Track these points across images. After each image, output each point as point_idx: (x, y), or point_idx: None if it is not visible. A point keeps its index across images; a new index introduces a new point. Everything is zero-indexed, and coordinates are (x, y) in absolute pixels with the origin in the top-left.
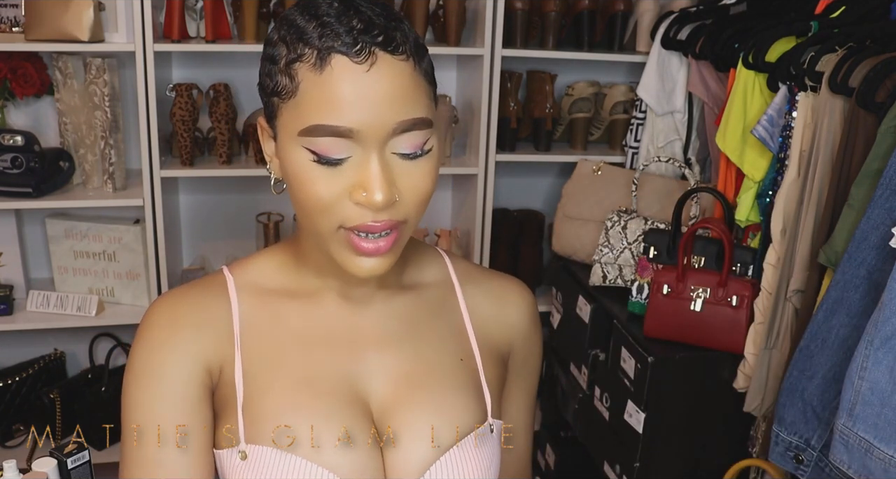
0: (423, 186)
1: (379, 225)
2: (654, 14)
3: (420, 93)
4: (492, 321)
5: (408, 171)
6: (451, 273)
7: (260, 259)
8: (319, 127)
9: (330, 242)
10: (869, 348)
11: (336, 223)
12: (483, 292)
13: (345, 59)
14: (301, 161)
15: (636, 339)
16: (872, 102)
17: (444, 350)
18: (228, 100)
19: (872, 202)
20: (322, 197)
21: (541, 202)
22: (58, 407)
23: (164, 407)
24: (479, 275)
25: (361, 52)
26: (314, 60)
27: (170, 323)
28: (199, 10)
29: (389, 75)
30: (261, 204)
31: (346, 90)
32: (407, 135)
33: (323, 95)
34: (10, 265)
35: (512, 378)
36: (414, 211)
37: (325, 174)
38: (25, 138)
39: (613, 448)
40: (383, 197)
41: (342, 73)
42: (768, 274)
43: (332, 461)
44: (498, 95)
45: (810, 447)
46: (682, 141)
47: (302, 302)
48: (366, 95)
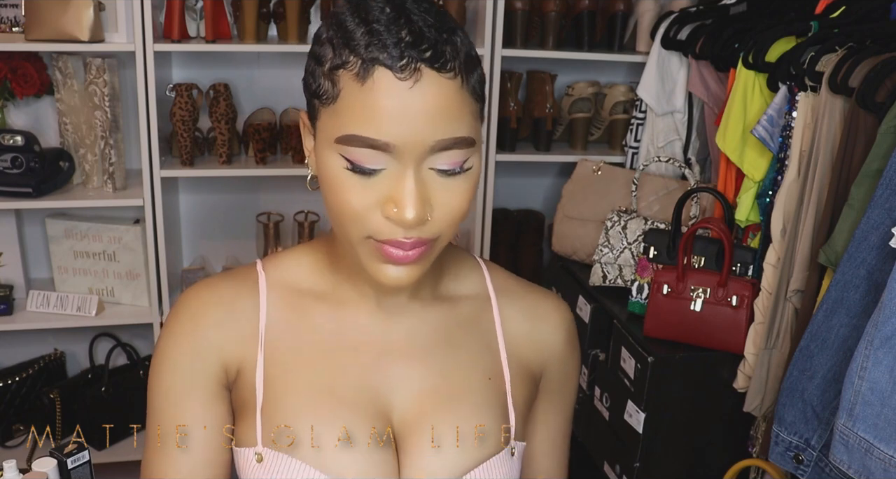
0: (457, 205)
1: (409, 242)
2: (654, 14)
3: (464, 111)
4: (524, 339)
5: (444, 188)
6: (489, 285)
7: (294, 256)
8: (356, 138)
9: (359, 249)
10: (869, 348)
11: (365, 233)
12: (518, 307)
13: (388, 72)
14: (335, 167)
15: (636, 339)
16: (872, 102)
17: (474, 368)
18: (228, 100)
19: (872, 202)
20: (354, 206)
21: (541, 202)
22: (58, 407)
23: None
24: (516, 288)
25: (406, 67)
26: (358, 70)
27: (194, 317)
28: (199, 10)
29: (433, 93)
30: (261, 204)
31: (386, 104)
32: (446, 153)
33: (363, 106)
34: (10, 265)
35: (546, 400)
36: (447, 229)
37: (358, 183)
38: (25, 138)
39: (613, 448)
40: (415, 215)
41: (384, 87)
42: (768, 274)
43: (347, 472)
44: (498, 95)
45: (810, 447)
46: (682, 141)
47: (332, 306)
48: (406, 111)
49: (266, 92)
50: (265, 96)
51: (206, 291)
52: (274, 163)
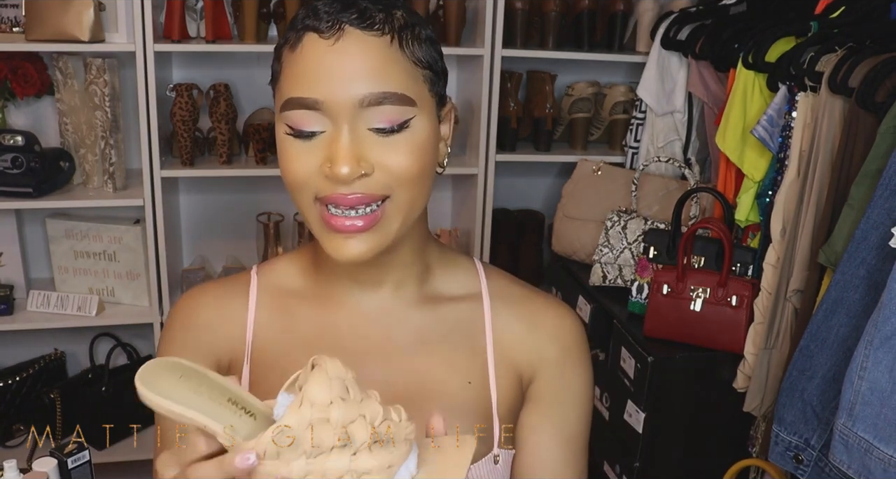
0: (400, 162)
1: (350, 198)
2: (654, 14)
3: (395, 69)
4: (518, 343)
5: (383, 145)
6: (483, 288)
7: (286, 259)
8: (290, 100)
9: (310, 220)
10: (868, 347)
11: (311, 195)
12: (514, 311)
13: (314, 36)
14: (281, 137)
15: (636, 339)
16: (872, 102)
17: (452, 371)
18: (228, 100)
19: (872, 202)
20: (297, 171)
21: (541, 202)
22: (58, 407)
23: None
24: (515, 292)
25: (331, 28)
26: (293, 42)
27: (188, 318)
28: (199, 10)
29: (357, 49)
30: (261, 204)
31: (312, 64)
32: (379, 109)
33: (294, 71)
34: (10, 265)
35: (537, 409)
36: (396, 186)
37: (300, 149)
38: (26, 138)
39: (613, 448)
40: (348, 170)
41: (310, 49)
42: (768, 274)
43: None
44: (498, 94)
45: (810, 446)
46: (681, 141)
47: (315, 306)
48: (331, 68)
49: (266, 92)
50: (265, 96)
51: (199, 294)
52: (274, 163)
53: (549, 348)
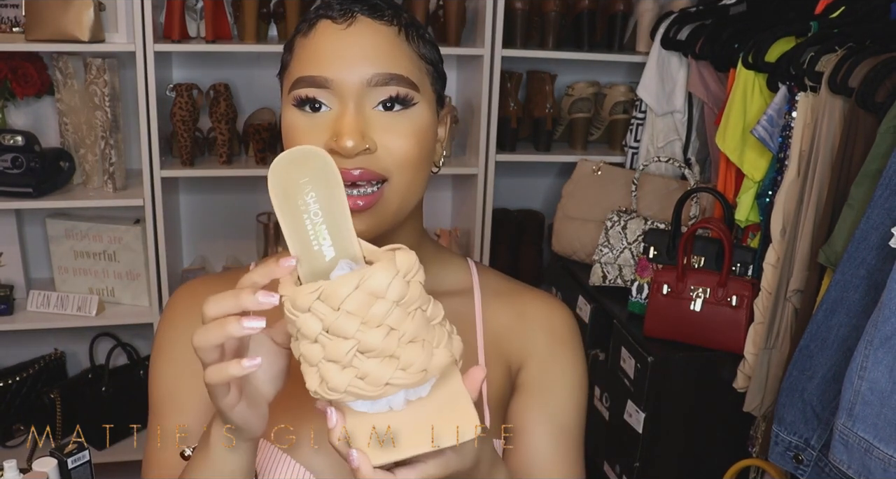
0: (401, 144)
1: (355, 174)
2: (654, 14)
3: (402, 55)
4: (507, 333)
5: (387, 127)
6: (475, 284)
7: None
8: (301, 79)
9: None
10: (868, 347)
11: None
12: (504, 302)
13: (328, 22)
14: (289, 115)
15: (636, 339)
16: (872, 102)
17: None
18: (228, 100)
19: (872, 202)
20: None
21: (541, 202)
22: (58, 407)
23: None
24: (506, 287)
25: (343, 15)
26: (306, 30)
27: (188, 308)
28: (199, 10)
29: (368, 33)
30: (261, 204)
31: (324, 45)
32: (385, 89)
33: (306, 53)
34: (10, 265)
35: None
36: (395, 168)
37: (306, 125)
38: (25, 138)
39: (613, 448)
40: (352, 142)
41: (323, 33)
42: (768, 274)
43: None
44: (498, 95)
45: (810, 446)
46: (681, 141)
47: None
48: (342, 49)
49: (266, 92)
50: (265, 96)
51: (199, 285)
52: None
53: (538, 337)
